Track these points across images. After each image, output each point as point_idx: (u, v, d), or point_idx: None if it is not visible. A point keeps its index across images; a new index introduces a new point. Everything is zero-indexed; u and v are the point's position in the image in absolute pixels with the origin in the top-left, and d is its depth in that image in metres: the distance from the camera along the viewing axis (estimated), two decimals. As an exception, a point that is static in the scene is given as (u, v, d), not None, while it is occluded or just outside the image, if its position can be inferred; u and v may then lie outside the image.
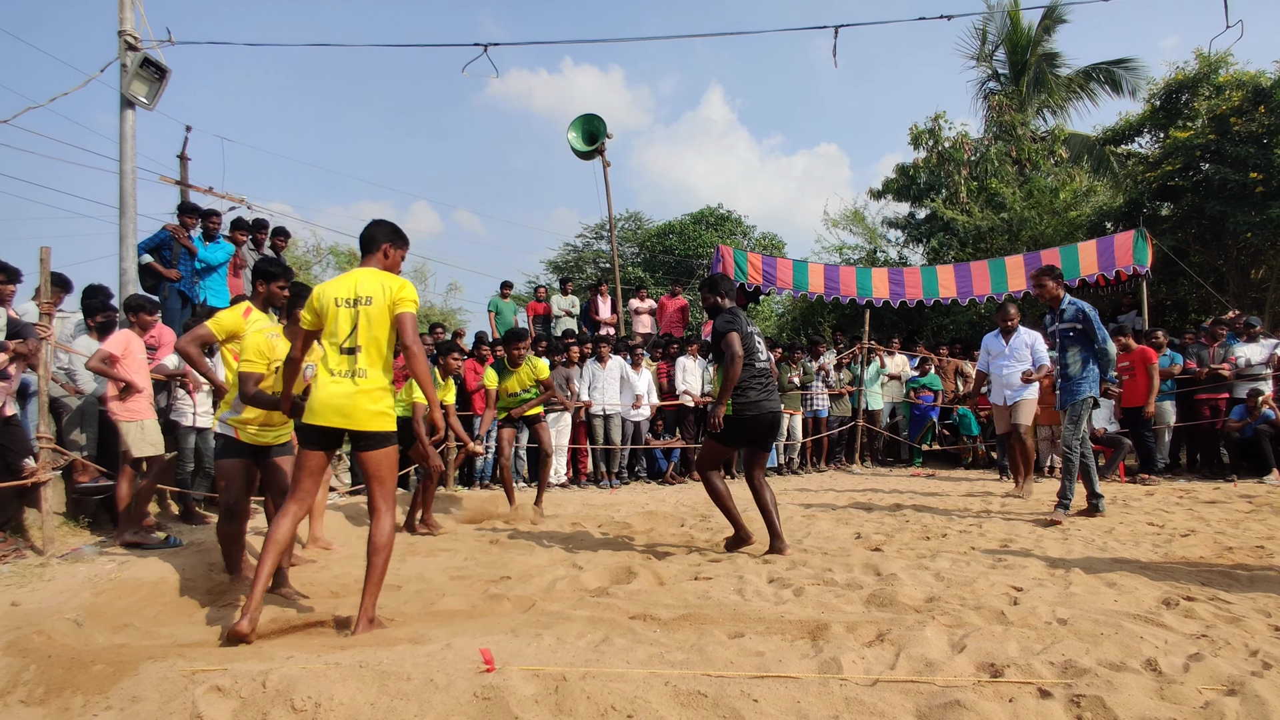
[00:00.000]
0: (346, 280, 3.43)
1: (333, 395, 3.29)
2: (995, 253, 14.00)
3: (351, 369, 3.33)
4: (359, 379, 3.32)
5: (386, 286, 3.38)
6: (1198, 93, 13.04)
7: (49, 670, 2.59)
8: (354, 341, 3.34)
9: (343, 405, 3.30)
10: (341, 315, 3.35)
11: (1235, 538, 4.88)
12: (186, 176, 14.57)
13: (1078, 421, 5.84)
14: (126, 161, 6.49)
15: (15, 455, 5.07)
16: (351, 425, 3.33)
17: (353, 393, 3.30)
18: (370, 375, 3.34)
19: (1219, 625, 2.92)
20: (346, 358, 3.34)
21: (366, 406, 3.31)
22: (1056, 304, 6.07)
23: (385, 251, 3.57)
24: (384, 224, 3.63)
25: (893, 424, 12.02)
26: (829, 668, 2.50)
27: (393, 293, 3.37)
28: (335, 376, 3.33)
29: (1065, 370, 5.95)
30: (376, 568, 3.29)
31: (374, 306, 3.34)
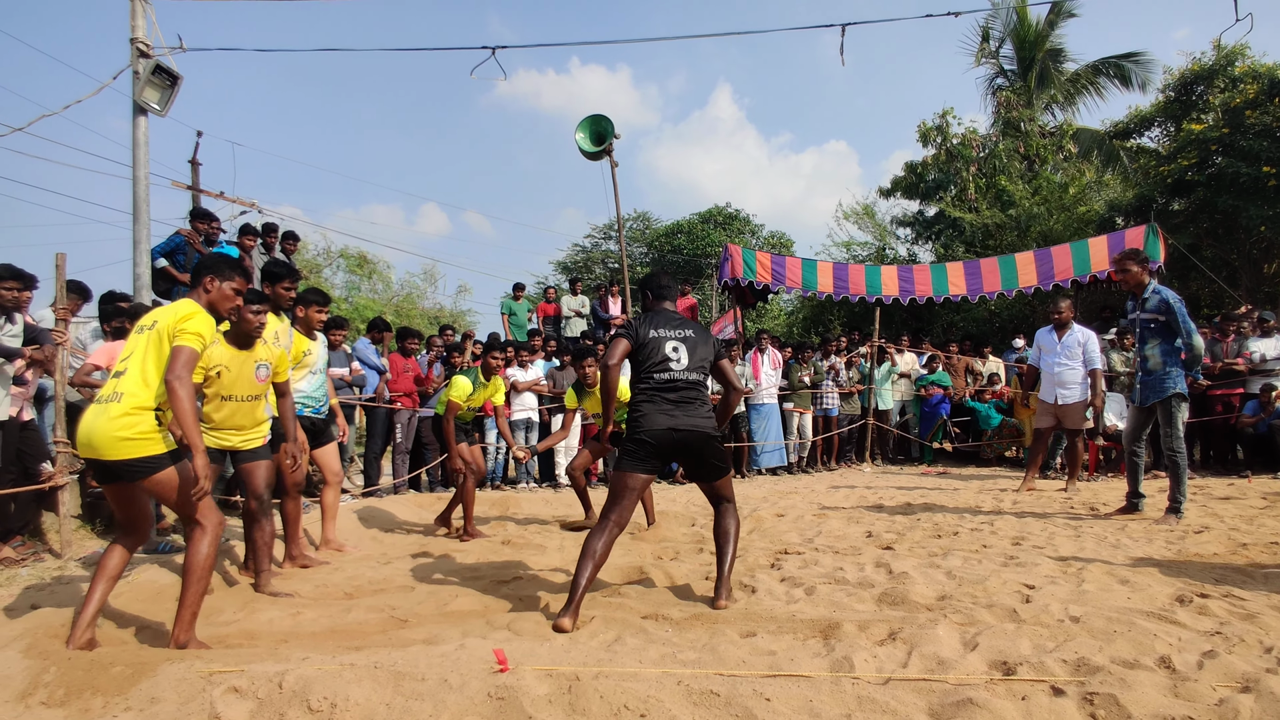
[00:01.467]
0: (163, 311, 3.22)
1: (86, 423, 3.02)
2: (1005, 249, 13.95)
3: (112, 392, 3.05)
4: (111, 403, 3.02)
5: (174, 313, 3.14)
6: (1213, 85, 12.95)
7: (69, 672, 2.62)
8: (124, 364, 3.09)
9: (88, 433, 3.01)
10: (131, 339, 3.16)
11: (1250, 534, 4.85)
12: (198, 181, 14.68)
13: (1173, 422, 5.48)
14: (139, 167, 6.55)
15: (33, 460, 5.13)
16: (99, 455, 3.01)
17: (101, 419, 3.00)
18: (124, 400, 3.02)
19: (1233, 622, 2.91)
20: (113, 381, 3.08)
21: (114, 433, 2.97)
22: (1140, 291, 5.66)
23: (207, 285, 3.33)
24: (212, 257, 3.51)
25: (903, 422, 11.99)
26: (841, 666, 2.51)
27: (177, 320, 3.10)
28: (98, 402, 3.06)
29: (1145, 364, 5.63)
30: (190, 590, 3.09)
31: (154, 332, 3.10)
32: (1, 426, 4.78)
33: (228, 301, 3.38)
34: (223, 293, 3.35)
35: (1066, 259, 11.30)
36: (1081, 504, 6.54)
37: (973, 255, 14.36)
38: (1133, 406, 5.90)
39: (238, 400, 4.06)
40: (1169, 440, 5.51)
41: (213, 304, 3.32)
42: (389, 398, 8.40)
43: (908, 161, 17.78)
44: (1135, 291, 5.73)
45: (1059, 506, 6.44)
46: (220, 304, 3.35)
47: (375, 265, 27.95)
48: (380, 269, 28.32)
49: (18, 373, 4.94)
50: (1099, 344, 7.31)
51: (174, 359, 3.00)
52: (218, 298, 3.33)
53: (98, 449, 2.97)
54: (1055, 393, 7.30)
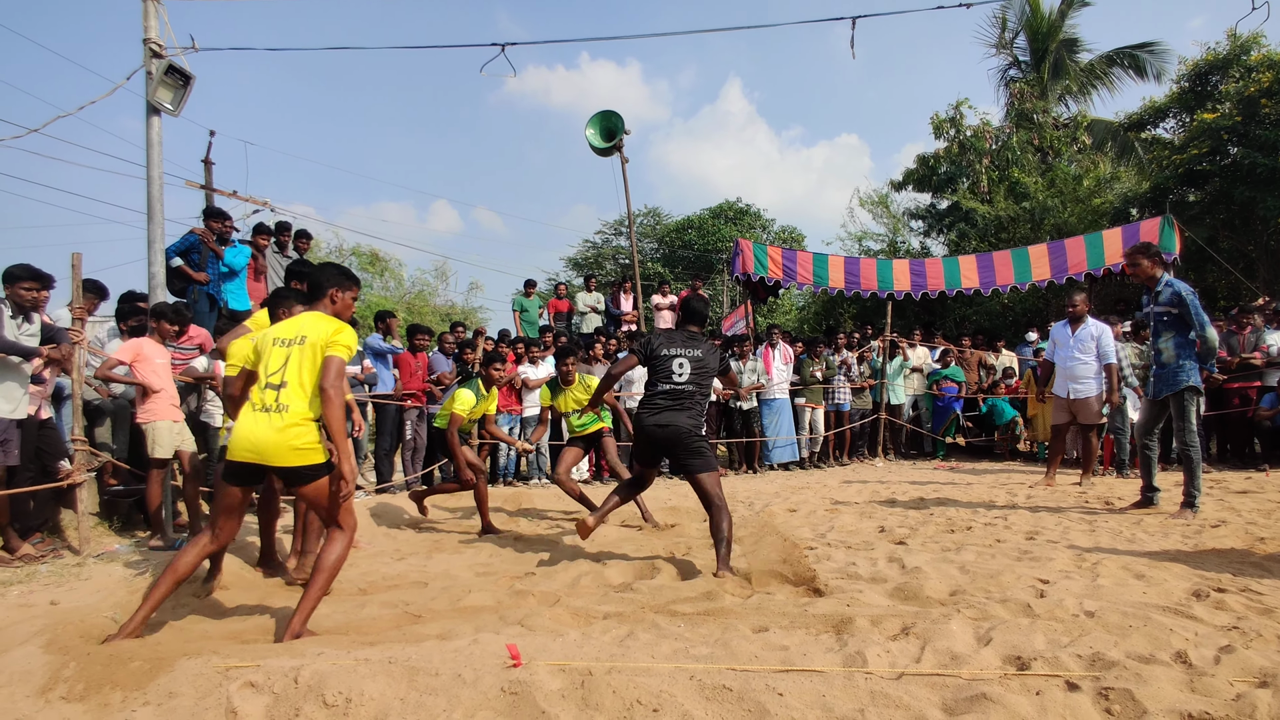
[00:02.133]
0: (291, 322, 3.40)
1: (251, 431, 3.19)
2: (1018, 242, 13.86)
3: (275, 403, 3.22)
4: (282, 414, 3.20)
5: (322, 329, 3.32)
6: (1228, 74, 12.80)
7: (88, 667, 2.65)
8: (281, 377, 3.24)
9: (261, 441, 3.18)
10: (276, 353, 3.31)
11: (1267, 528, 4.80)
12: (211, 180, 14.78)
13: (1185, 416, 5.43)
14: (153, 167, 6.60)
15: (51, 458, 5.19)
16: (267, 461, 3.19)
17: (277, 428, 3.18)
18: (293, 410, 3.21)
19: (1250, 617, 2.89)
20: (271, 392, 3.24)
21: (287, 443, 3.17)
22: (1153, 284, 5.61)
23: (332, 297, 3.52)
24: (328, 267, 3.65)
25: (915, 417, 11.94)
26: (854, 661, 2.51)
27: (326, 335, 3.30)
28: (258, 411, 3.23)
29: (1158, 357, 5.58)
30: (318, 585, 3.26)
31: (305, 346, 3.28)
32: (20, 425, 4.83)
33: (348, 310, 3.58)
34: (345, 302, 3.55)
35: (1080, 251, 11.21)
36: (1096, 498, 6.50)
37: (986, 248, 14.26)
38: (1146, 399, 5.84)
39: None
40: (1182, 434, 5.46)
41: (338, 314, 3.49)
42: (400, 394, 8.44)
43: (920, 154, 17.69)
44: (1148, 285, 5.68)
45: (1073, 501, 6.41)
46: (344, 313, 3.53)
47: (387, 263, 28.06)
48: (392, 266, 28.43)
49: (36, 371, 5.00)
50: (1114, 338, 7.24)
51: (327, 369, 3.21)
52: (342, 307, 3.53)
53: (267, 455, 3.16)
54: (1069, 387, 7.24)
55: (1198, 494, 5.41)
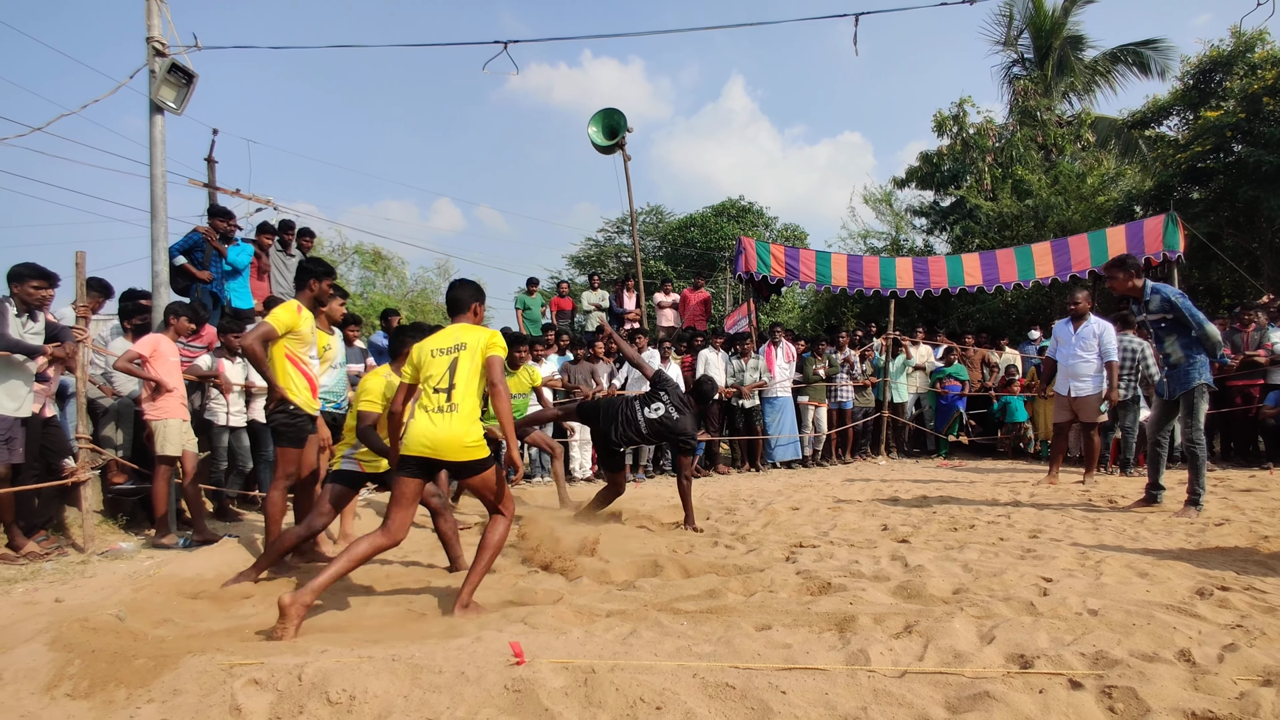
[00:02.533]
0: (445, 333, 3.80)
1: (427, 430, 3.53)
2: (1021, 240, 13.82)
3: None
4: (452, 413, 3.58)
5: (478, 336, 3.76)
6: (1232, 71, 12.75)
7: (93, 664, 2.66)
8: (448, 381, 3.61)
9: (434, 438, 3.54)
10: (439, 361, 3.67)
11: (1271, 526, 4.79)
12: (214, 179, 14.80)
13: (1194, 413, 5.42)
14: (156, 166, 6.59)
15: (56, 455, 5.21)
16: (442, 456, 3.54)
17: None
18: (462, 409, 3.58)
19: (1254, 615, 2.88)
20: (440, 395, 3.59)
21: (461, 440, 3.52)
22: (1138, 295, 5.65)
23: (474, 310, 3.94)
24: (467, 284, 4.02)
25: (918, 415, 11.92)
26: (857, 659, 2.51)
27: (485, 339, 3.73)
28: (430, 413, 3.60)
29: (1167, 359, 5.57)
30: (484, 560, 3.64)
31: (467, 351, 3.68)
32: (25, 423, 4.84)
33: (479, 318, 4.02)
34: (482, 313, 4.03)
35: (1084, 249, 11.19)
36: (1100, 496, 6.49)
37: (989, 245, 14.23)
38: (1159, 399, 5.82)
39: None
40: (1189, 432, 5.45)
41: (478, 322, 3.96)
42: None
43: (923, 152, 17.66)
44: (1134, 296, 5.72)
45: (1077, 499, 6.40)
46: (481, 318, 4.04)
47: (390, 261, 28.10)
48: (395, 265, 28.46)
49: (40, 370, 5.01)
50: (1115, 336, 7.23)
51: (492, 368, 3.62)
52: (481, 318, 4.01)
53: (443, 451, 3.51)
54: (1070, 385, 7.24)
55: (1202, 492, 5.40)
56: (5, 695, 2.49)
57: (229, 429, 6.42)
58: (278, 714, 2.25)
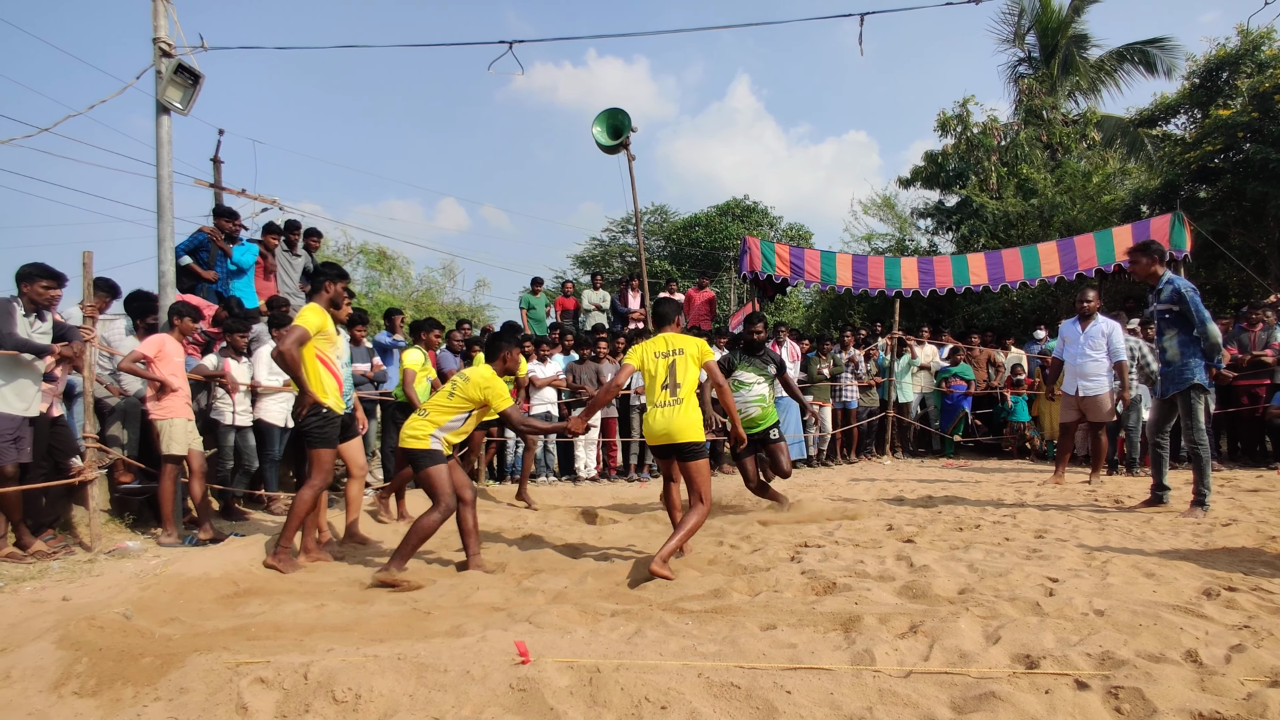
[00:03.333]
0: (659, 340, 4.58)
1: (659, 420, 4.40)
2: (1027, 239, 13.77)
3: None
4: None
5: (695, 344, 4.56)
6: (1239, 70, 12.69)
7: (100, 663, 2.67)
8: (670, 380, 4.42)
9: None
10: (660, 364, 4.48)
11: (1279, 526, 4.77)
12: (220, 179, 14.85)
13: (1192, 414, 5.39)
14: (163, 166, 6.61)
15: (63, 455, 5.23)
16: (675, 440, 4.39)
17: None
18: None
19: (1262, 616, 2.87)
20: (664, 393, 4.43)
21: (691, 424, 4.37)
22: (1154, 282, 5.59)
23: (677, 322, 4.72)
24: (669, 302, 4.81)
25: (923, 415, 11.90)
26: (862, 659, 2.50)
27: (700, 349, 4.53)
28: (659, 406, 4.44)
29: (1163, 355, 5.56)
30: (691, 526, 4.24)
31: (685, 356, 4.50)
32: (33, 422, 4.86)
33: (679, 328, 4.77)
34: (679, 322, 4.80)
35: (1090, 248, 11.15)
36: (1106, 497, 6.47)
37: (995, 245, 14.19)
38: (1155, 399, 5.81)
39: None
40: (1190, 432, 5.42)
41: (683, 334, 4.69)
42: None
43: (927, 151, 17.59)
44: (1150, 283, 5.67)
45: (1083, 499, 6.38)
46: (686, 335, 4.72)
47: (395, 261, 28.10)
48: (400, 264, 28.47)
49: (48, 369, 5.03)
50: (1124, 335, 7.21)
51: (713, 372, 4.59)
52: (677, 326, 4.74)
53: (675, 436, 4.35)
54: (1078, 385, 7.19)
55: (1207, 492, 5.37)
56: (13, 693, 2.50)
57: (235, 428, 6.44)
58: (284, 712, 2.26)
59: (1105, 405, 7.14)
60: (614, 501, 7.36)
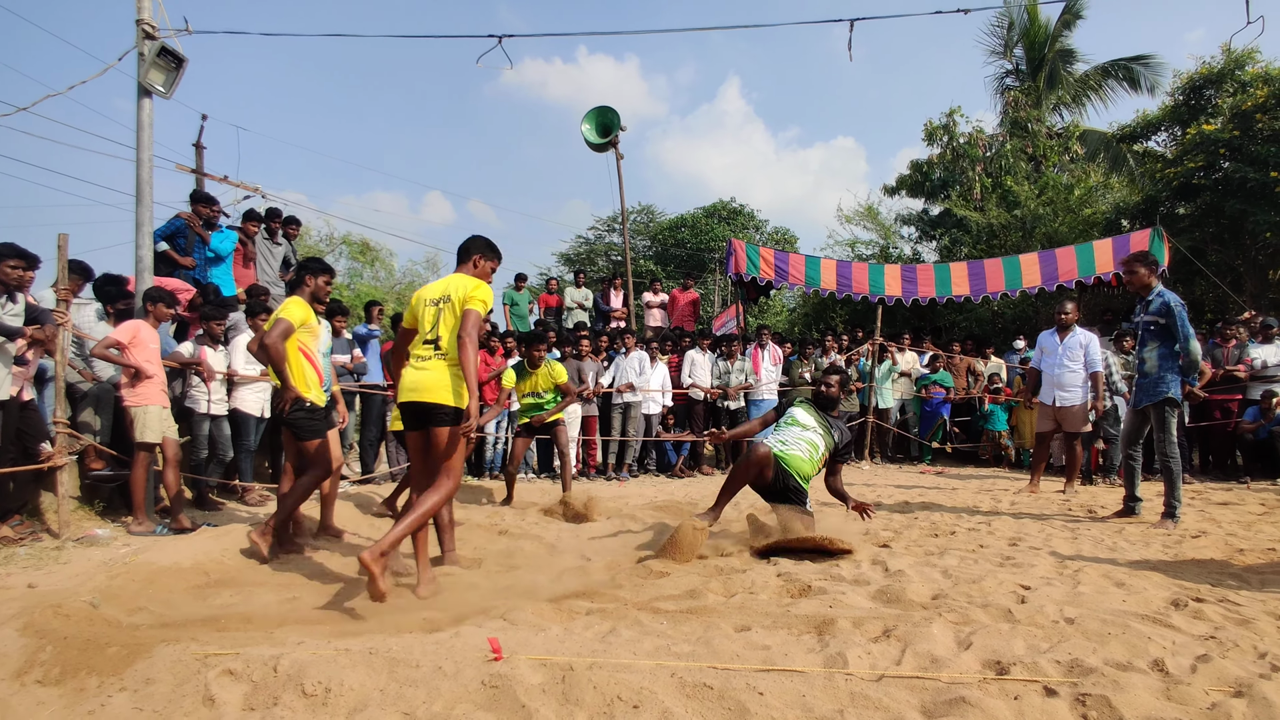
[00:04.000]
0: (438, 284, 3.94)
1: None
2: (1009, 250, 13.90)
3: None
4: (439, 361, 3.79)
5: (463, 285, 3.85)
6: (1222, 89, 12.87)
7: (65, 651, 2.62)
8: (434, 331, 3.81)
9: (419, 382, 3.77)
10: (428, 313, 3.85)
11: (1247, 540, 4.85)
12: (202, 165, 14.67)
13: (1165, 427, 5.45)
14: (143, 150, 6.51)
15: (32, 440, 5.14)
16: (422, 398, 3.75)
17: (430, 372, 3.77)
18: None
19: (1228, 627, 2.91)
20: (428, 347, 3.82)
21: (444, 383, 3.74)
22: (1146, 293, 5.63)
23: (475, 262, 4.04)
24: (477, 238, 4.13)
25: (902, 421, 11.99)
26: (835, 662, 2.51)
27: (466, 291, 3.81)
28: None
29: (1141, 366, 5.62)
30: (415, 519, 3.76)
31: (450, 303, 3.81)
32: (2, 406, 4.78)
33: (488, 276, 4.14)
34: (478, 265, 4.08)
35: (1071, 260, 11.28)
36: (1079, 506, 6.55)
37: (977, 255, 14.31)
38: (1130, 409, 5.88)
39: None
40: (1162, 445, 5.49)
41: (480, 275, 4.07)
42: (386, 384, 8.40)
43: (913, 160, 17.74)
44: (1141, 293, 5.71)
45: (1057, 508, 6.45)
46: (484, 273, 4.11)
47: (378, 252, 27.95)
48: (383, 256, 28.32)
49: (19, 352, 4.94)
50: (1101, 347, 7.30)
51: (465, 321, 3.74)
52: (483, 270, 4.11)
53: (424, 393, 3.73)
54: (1055, 395, 7.29)
55: (1178, 505, 5.45)
56: (-26, 681, 2.45)
57: (210, 417, 6.37)
58: (252, 705, 2.23)
59: (1081, 415, 7.23)
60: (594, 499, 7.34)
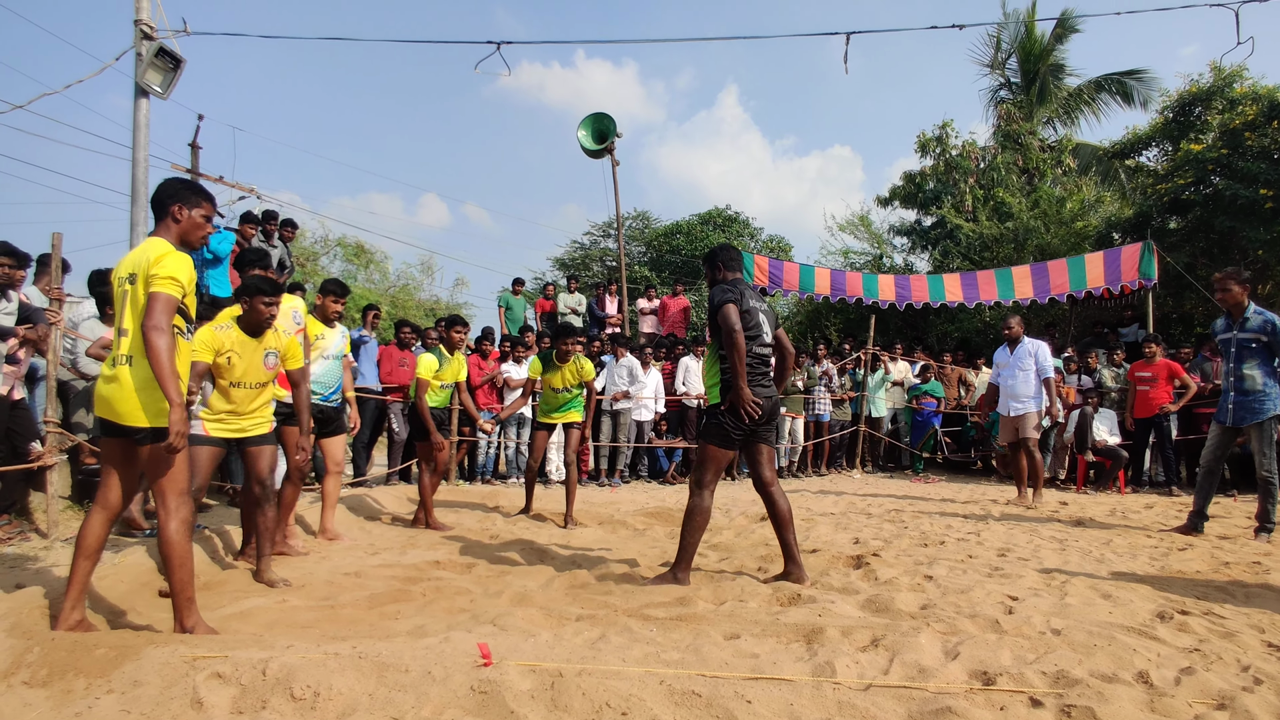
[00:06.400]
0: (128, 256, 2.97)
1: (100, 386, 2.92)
2: (1001, 262, 13.97)
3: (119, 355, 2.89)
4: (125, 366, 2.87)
5: (146, 259, 2.85)
6: (1211, 106, 12.99)
7: (52, 652, 2.62)
8: (122, 324, 2.90)
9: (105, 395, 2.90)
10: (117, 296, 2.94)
11: (1233, 553, 4.89)
12: (197, 165, 14.65)
13: (1270, 443, 5.43)
14: (139, 150, 6.52)
15: (23, 439, 5.12)
16: (118, 420, 2.91)
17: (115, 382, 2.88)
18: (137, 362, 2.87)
19: (1212, 640, 2.94)
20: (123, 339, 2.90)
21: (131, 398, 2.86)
22: (1239, 311, 5.57)
23: (175, 213, 3.02)
24: (172, 181, 3.12)
25: (894, 430, 12.03)
26: (823, 671, 2.53)
27: (149, 264, 2.82)
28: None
29: (1240, 384, 5.54)
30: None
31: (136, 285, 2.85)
32: (-8, 405, 4.76)
33: (197, 231, 3.11)
34: (180, 218, 3.05)
35: (1063, 273, 11.34)
36: (1069, 517, 6.58)
37: (969, 266, 14.38)
38: (1219, 426, 5.75)
39: (245, 387, 4.10)
40: (1264, 461, 5.48)
41: (184, 234, 3.07)
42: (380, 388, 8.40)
43: (906, 171, 17.82)
44: (1233, 311, 5.63)
45: (1046, 519, 6.48)
46: (187, 225, 3.08)
47: (372, 255, 27.85)
48: (377, 259, 28.24)
49: (10, 351, 4.93)
50: (1050, 352, 7.56)
51: (151, 307, 2.80)
52: (186, 221, 3.06)
53: (118, 411, 2.95)
54: (1010, 405, 7.54)
55: (1273, 522, 5.45)
56: (-40, 681, 2.44)
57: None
58: (240, 708, 2.23)
59: (1031, 423, 7.42)
60: (583, 505, 7.34)
